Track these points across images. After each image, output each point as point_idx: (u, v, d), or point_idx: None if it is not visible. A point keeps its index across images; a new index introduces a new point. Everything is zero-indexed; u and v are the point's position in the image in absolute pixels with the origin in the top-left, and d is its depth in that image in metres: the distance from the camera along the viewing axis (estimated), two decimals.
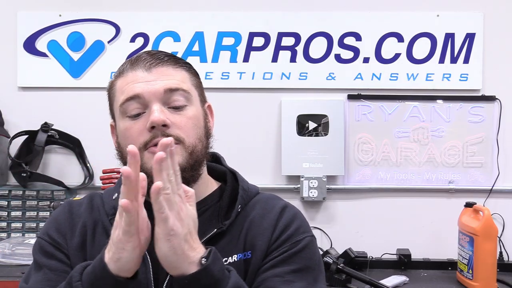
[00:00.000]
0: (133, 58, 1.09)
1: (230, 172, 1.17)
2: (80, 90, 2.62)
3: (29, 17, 2.62)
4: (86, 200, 1.16)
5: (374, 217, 2.58)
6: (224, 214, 1.10)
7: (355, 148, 2.59)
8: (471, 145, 2.57)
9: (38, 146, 2.51)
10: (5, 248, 2.26)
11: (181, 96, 1.05)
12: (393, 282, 2.18)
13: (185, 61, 1.13)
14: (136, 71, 1.06)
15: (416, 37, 2.57)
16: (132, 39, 2.60)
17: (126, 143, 1.05)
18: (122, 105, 1.05)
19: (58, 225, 1.12)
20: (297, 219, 1.12)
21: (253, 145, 2.60)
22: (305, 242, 1.08)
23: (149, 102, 1.03)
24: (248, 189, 1.15)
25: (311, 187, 2.52)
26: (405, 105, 2.58)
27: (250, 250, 1.07)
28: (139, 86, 1.04)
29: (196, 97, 1.10)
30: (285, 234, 1.08)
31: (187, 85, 1.08)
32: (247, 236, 1.08)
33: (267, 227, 1.09)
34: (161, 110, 1.03)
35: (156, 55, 1.08)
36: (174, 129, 1.03)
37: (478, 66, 2.56)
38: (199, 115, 1.09)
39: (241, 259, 1.06)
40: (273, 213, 1.11)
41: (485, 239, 2.12)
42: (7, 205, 2.49)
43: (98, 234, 1.09)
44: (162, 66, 1.06)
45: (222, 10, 2.60)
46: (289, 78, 2.59)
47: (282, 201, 1.16)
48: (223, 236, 1.07)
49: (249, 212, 1.12)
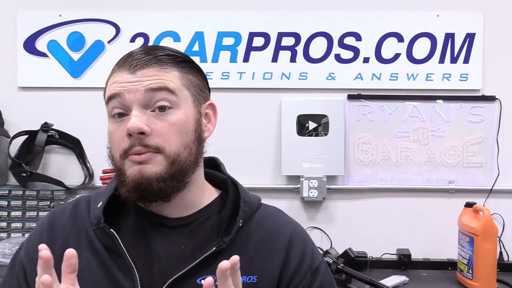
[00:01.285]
0: (124, 57, 1.04)
1: (231, 181, 1.11)
2: (80, 90, 2.62)
3: (29, 17, 2.62)
4: (71, 207, 1.10)
5: (374, 217, 2.59)
6: (225, 228, 1.03)
7: (355, 148, 2.59)
8: (471, 145, 2.57)
9: (38, 146, 2.51)
10: (5, 248, 2.26)
11: (165, 96, 0.99)
12: (393, 282, 2.18)
13: (182, 57, 1.06)
14: (122, 72, 1.01)
15: (416, 37, 2.57)
16: (132, 39, 2.60)
17: (111, 146, 1.03)
18: (106, 104, 1.03)
19: (32, 250, 1.07)
20: (308, 241, 1.10)
21: (253, 145, 2.60)
22: (322, 266, 1.09)
23: (130, 104, 0.98)
24: (250, 201, 1.08)
25: (311, 187, 2.52)
26: (405, 105, 2.58)
27: (256, 275, 1.01)
28: (121, 86, 0.99)
29: (187, 97, 1.02)
30: (304, 263, 1.06)
31: (175, 85, 1.00)
32: (253, 259, 1.02)
33: (276, 252, 1.04)
34: (140, 116, 0.97)
35: (147, 54, 1.01)
36: (153, 137, 0.97)
37: (478, 66, 2.56)
38: (187, 118, 1.01)
39: (244, 282, 0.95)
40: (283, 237, 1.06)
41: (485, 239, 2.12)
42: (7, 205, 2.49)
43: (83, 245, 1.03)
44: (147, 68, 0.99)
45: (222, 10, 2.60)
46: (289, 78, 2.59)
47: (289, 220, 1.12)
48: (223, 253, 1.00)
49: (254, 230, 1.06)
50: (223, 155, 1.22)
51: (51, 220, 1.09)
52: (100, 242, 1.03)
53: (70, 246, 0.98)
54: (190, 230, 1.04)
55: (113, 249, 1.02)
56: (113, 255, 1.01)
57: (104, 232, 1.02)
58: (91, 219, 1.05)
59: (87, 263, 1.01)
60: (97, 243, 1.03)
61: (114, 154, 1.02)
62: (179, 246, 1.01)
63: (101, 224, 1.02)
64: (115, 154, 1.02)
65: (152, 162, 0.98)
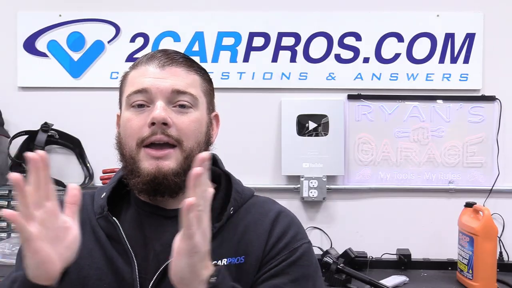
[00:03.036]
0: (150, 54, 1.10)
1: (224, 174, 1.17)
2: (80, 90, 2.62)
3: (29, 17, 2.62)
4: None
5: (374, 217, 2.59)
6: (216, 216, 1.07)
7: (355, 148, 2.59)
8: (471, 145, 2.57)
9: (38, 146, 2.51)
10: (5, 248, 2.26)
11: (188, 99, 1.06)
12: (393, 282, 2.18)
13: (201, 66, 1.14)
14: (149, 66, 1.07)
15: (416, 37, 2.57)
16: (132, 39, 2.60)
17: (125, 133, 1.07)
18: (129, 96, 1.07)
19: None
20: (294, 225, 1.11)
21: (253, 145, 2.60)
22: (302, 250, 1.08)
23: (155, 98, 1.04)
24: (242, 191, 1.14)
25: (311, 187, 2.52)
26: (405, 105, 2.58)
27: (244, 255, 1.05)
28: (148, 80, 1.05)
29: (204, 103, 1.10)
30: (282, 242, 1.07)
31: (196, 90, 1.08)
32: (241, 241, 1.07)
33: (262, 233, 1.07)
34: (165, 108, 1.04)
35: (172, 55, 1.09)
36: (174, 130, 1.04)
37: (478, 66, 2.56)
38: (202, 120, 1.09)
39: (232, 264, 1.04)
40: (268, 218, 1.09)
41: (485, 239, 2.12)
42: (7, 205, 2.49)
43: (86, 233, 1.07)
44: (175, 67, 1.07)
45: (222, 10, 2.61)
46: (289, 78, 2.59)
47: (278, 206, 1.15)
48: (214, 238, 1.04)
49: (243, 216, 1.10)
50: (223, 155, 1.22)
51: None
52: (103, 230, 1.09)
53: None
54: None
55: (114, 236, 1.08)
56: (114, 242, 1.08)
57: (107, 220, 1.09)
58: (94, 209, 1.12)
59: (90, 250, 1.07)
60: (99, 231, 1.09)
61: (129, 142, 1.06)
62: (173, 234, 1.03)
63: (105, 212, 1.09)
64: (129, 142, 1.06)
65: (169, 158, 1.04)
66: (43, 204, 0.87)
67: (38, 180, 0.86)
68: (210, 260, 0.91)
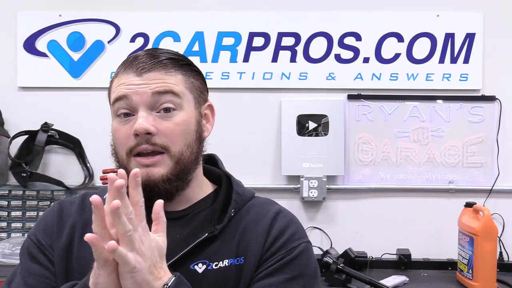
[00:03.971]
0: (130, 59, 1.08)
1: (225, 175, 1.17)
2: (80, 90, 2.62)
3: (29, 17, 2.62)
4: (78, 199, 1.16)
5: (374, 217, 2.59)
6: (217, 217, 1.08)
7: (355, 148, 2.59)
8: (471, 145, 2.57)
9: (38, 146, 2.51)
10: (5, 248, 2.26)
11: (170, 99, 1.04)
12: (393, 282, 2.18)
13: (185, 61, 1.11)
14: (128, 74, 1.06)
15: (416, 37, 2.57)
16: (132, 39, 2.60)
17: (115, 143, 1.08)
18: (113, 104, 1.07)
19: (45, 225, 1.12)
20: (292, 224, 1.10)
21: (253, 145, 2.60)
22: (301, 249, 1.07)
23: (137, 106, 1.04)
24: (242, 193, 1.14)
25: (311, 187, 2.52)
26: (405, 105, 2.58)
27: (243, 255, 1.06)
28: (128, 88, 1.04)
29: (190, 100, 1.08)
30: (280, 240, 1.07)
31: (179, 88, 1.06)
32: (240, 241, 1.07)
33: (261, 233, 1.07)
34: (147, 117, 1.03)
35: (152, 57, 1.07)
36: (159, 137, 1.03)
37: (478, 66, 2.56)
38: (189, 120, 1.07)
39: (233, 265, 1.05)
40: (267, 219, 1.09)
41: (485, 239, 2.12)
42: (7, 205, 2.49)
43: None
44: (153, 71, 1.05)
45: (222, 10, 2.61)
46: (289, 78, 2.59)
47: (277, 206, 1.15)
48: (215, 240, 1.06)
49: (243, 217, 1.10)
50: (223, 155, 1.23)
51: (60, 209, 1.14)
52: None
53: (77, 235, 1.08)
54: (184, 221, 1.09)
55: None
56: None
57: None
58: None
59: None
60: None
61: (119, 152, 1.07)
62: (174, 235, 1.04)
63: None
64: (120, 152, 1.07)
65: (159, 165, 1.04)
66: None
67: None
68: (164, 268, 0.91)
